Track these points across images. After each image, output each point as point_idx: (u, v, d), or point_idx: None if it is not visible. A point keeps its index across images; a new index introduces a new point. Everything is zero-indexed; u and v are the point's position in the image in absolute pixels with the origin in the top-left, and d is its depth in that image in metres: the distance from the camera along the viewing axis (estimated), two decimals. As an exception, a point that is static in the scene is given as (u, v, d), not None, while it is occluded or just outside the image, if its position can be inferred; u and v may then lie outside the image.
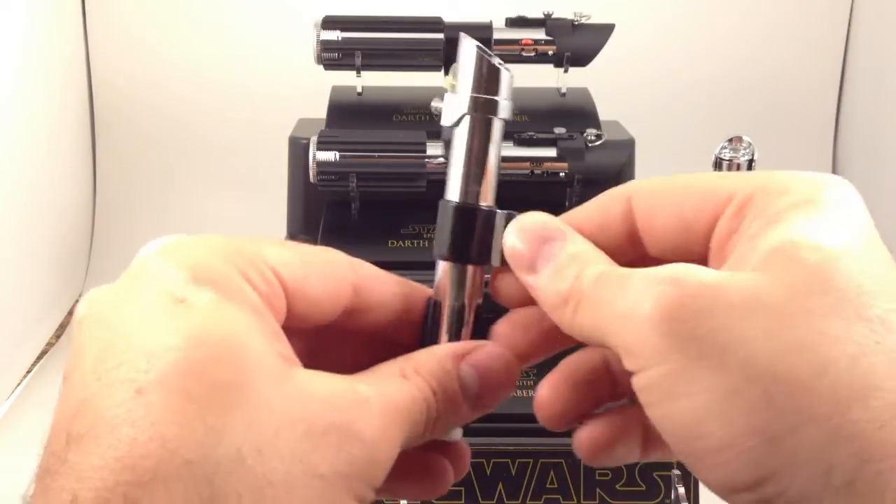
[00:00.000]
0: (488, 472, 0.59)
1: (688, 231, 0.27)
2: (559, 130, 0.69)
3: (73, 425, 0.21)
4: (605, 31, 0.74)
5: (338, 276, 0.27)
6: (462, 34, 0.28)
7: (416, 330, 0.29)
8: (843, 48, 1.05)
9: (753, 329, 0.22)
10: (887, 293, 0.23)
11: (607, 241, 0.28)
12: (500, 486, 0.60)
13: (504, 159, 0.67)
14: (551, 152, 0.67)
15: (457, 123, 0.28)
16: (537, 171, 0.67)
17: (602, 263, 0.26)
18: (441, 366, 0.27)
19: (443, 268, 0.29)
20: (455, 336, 0.29)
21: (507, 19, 0.74)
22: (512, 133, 0.68)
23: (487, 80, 0.28)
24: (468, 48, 0.28)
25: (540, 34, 0.73)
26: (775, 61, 1.05)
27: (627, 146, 0.72)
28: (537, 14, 0.73)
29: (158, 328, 0.22)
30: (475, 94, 0.28)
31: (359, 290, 0.28)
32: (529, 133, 0.68)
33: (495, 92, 0.28)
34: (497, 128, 0.29)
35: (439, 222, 0.29)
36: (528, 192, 0.68)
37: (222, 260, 0.24)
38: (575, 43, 0.73)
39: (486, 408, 0.28)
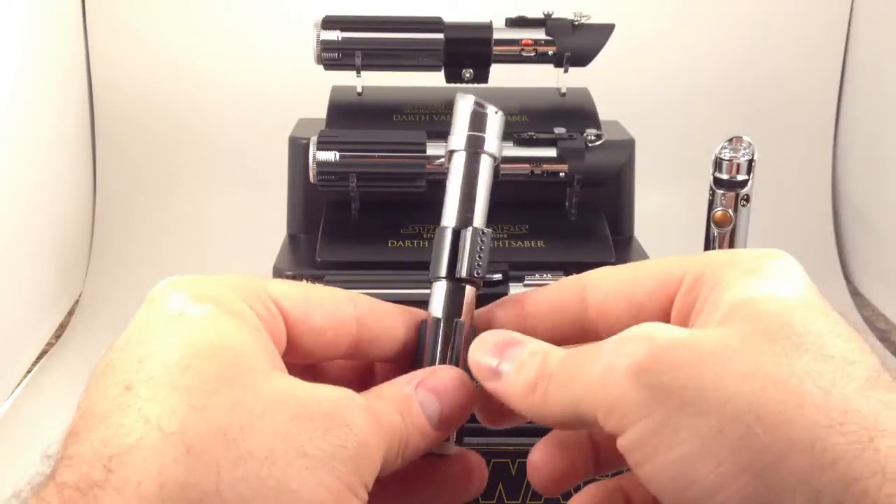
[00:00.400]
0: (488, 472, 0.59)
1: (641, 313, 0.29)
2: (559, 130, 0.69)
3: (71, 428, 0.23)
4: (605, 31, 0.74)
5: (340, 309, 0.28)
6: (458, 94, 0.33)
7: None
8: (843, 48, 1.05)
9: (728, 373, 0.23)
10: (842, 336, 0.25)
11: (560, 326, 0.30)
12: (500, 486, 0.60)
13: (504, 159, 0.67)
14: (551, 152, 0.67)
15: (449, 158, 0.32)
16: (537, 171, 0.67)
17: (562, 350, 0.28)
18: (401, 392, 0.28)
19: (438, 288, 0.31)
20: (453, 352, 0.30)
21: (507, 19, 0.74)
22: (512, 133, 0.68)
23: (474, 121, 0.32)
24: (457, 99, 0.33)
25: (540, 34, 0.73)
26: (775, 61, 1.05)
27: (627, 146, 0.72)
28: (537, 14, 0.73)
29: (154, 338, 0.24)
30: (462, 134, 0.32)
31: (362, 323, 0.29)
32: (529, 133, 0.68)
33: (482, 131, 0.32)
34: (486, 164, 0.32)
35: (436, 247, 0.31)
36: (528, 192, 0.68)
37: (226, 287, 0.26)
38: (575, 43, 0.73)
39: (450, 429, 0.29)
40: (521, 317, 0.31)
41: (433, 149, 0.66)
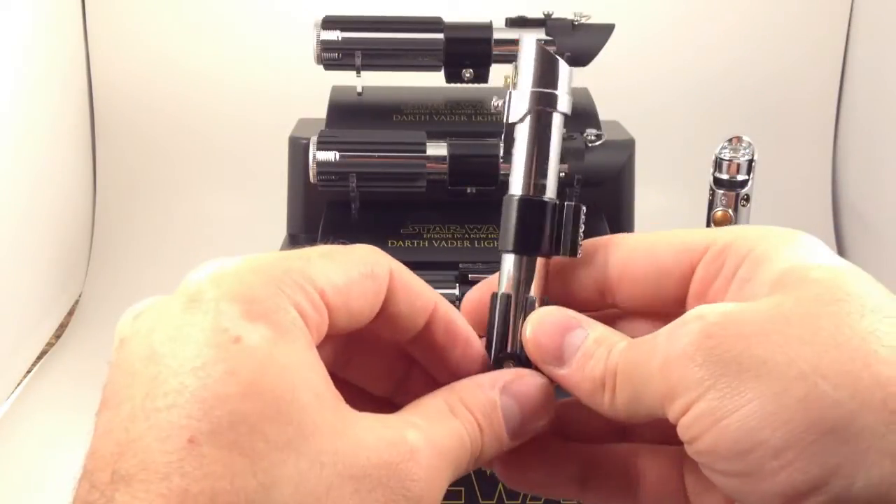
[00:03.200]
0: (488, 472, 0.59)
1: (663, 278, 0.28)
2: (559, 130, 0.68)
3: (121, 463, 0.21)
4: (605, 31, 0.74)
5: (377, 288, 0.27)
6: (524, 35, 0.30)
7: (435, 346, 0.29)
8: (843, 48, 1.05)
9: (787, 339, 0.23)
10: (893, 300, 0.24)
11: (580, 288, 0.30)
12: (500, 486, 0.60)
13: (504, 159, 0.67)
14: (551, 152, 0.67)
15: (520, 120, 0.30)
16: (537, 171, 0.67)
17: (624, 339, 0.27)
18: (487, 398, 0.27)
19: (509, 261, 0.30)
20: (512, 331, 0.29)
21: (507, 19, 0.74)
22: (512, 133, 0.68)
23: (547, 75, 0.30)
24: (529, 45, 0.30)
25: (540, 34, 0.73)
26: (775, 61, 1.05)
27: (627, 146, 0.72)
28: (537, 14, 0.73)
29: (213, 373, 0.21)
30: (535, 90, 0.29)
31: (392, 297, 0.27)
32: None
33: (555, 87, 0.30)
34: (557, 122, 0.30)
35: (505, 217, 0.30)
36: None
37: (274, 289, 0.23)
38: (575, 43, 0.73)
39: (525, 437, 0.28)
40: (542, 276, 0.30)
41: (433, 149, 0.66)
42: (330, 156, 0.65)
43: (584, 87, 0.78)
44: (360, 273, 0.26)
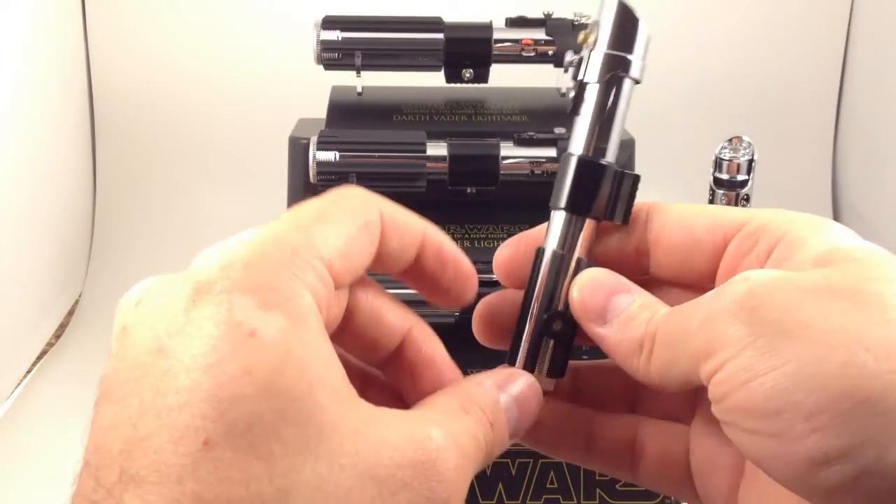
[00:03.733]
0: (488, 472, 0.59)
1: (695, 249, 0.28)
2: (559, 130, 0.69)
3: (130, 463, 0.20)
4: (605, 31, 0.74)
5: (373, 238, 0.26)
6: None
7: (425, 273, 0.29)
8: (843, 48, 1.05)
9: (832, 308, 0.23)
10: None
11: (620, 250, 0.30)
12: (500, 486, 0.60)
13: (504, 159, 0.67)
14: (551, 152, 0.67)
15: (593, 81, 0.29)
16: (537, 171, 0.67)
17: (666, 307, 0.27)
18: (492, 397, 0.27)
19: (560, 219, 0.29)
20: (561, 290, 0.29)
21: (507, 19, 0.74)
22: (512, 133, 0.68)
23: (625, 38, 0.29)
24: (612, 2, 0.29)
25: (540, 34, 0.73)
26: (775, 61, 1.05)
27: (627, 146, 0.72)
28: (537, 14, 0.73)
29: (228, 370, 0.20)
30: (611, 52, 0.29)
31: (384, 238, 0.27)
32: (529, 133, 0.68)
33: (631, 51, 0.29)
34: (627, 88, 0.29)
35: (561, 174, 0.29)
36: (529, 192, 0.68)
37: (287, 275, 0.22)
38: (575, 43, 0.73)
39: (518, 437, 0.28)
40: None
41: (433, 149, 0.66)
42: (330, 156, 0.65)
43: (585, 87, 0.78)
44: (357, 228, 0.25)
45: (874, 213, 1.00)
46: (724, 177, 0.57)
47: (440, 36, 0.72)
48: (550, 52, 0.73)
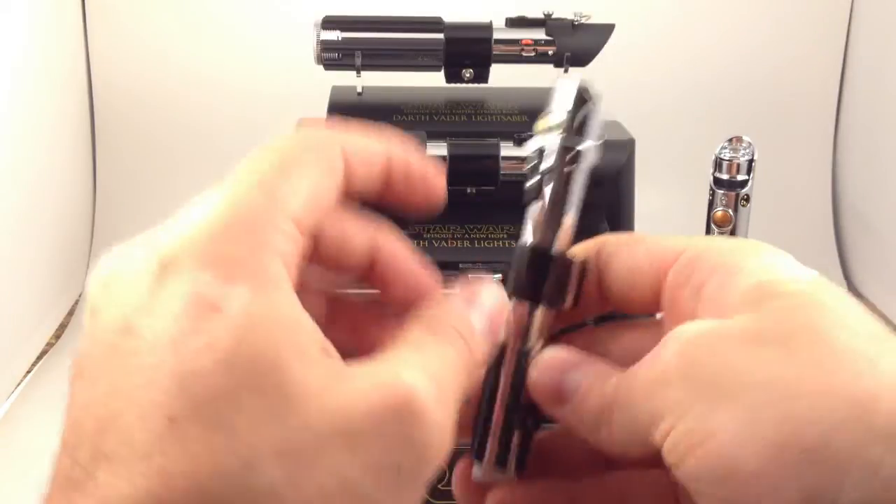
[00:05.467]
0: None
1: (638, 277, 0.28)
2: (559, 130, 0.68)
3: (103, 441, 0.20)
4: (605, 31, 0.74)
5: (338, 179, 0.25)
6: (560, 77, 0.28)
7: (397, 193, 0.28)
8: (843, 48, 1.05)
9: (761, 358, 0.23)
10: (868, 317, 0.24)
11: (585, 292, 0.29)
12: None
13: (504, 159, 0.67)
14: (551, 152, 0.67)
15: (547, 170, 0.29)
16: (537, 172, 0.67)
17: (618, 372, 0.27)
18: (464, 317, 0.26)
19: (517, 311, 0.29)
20: (520, 378, 0.29)
21: (507, 19, 0.74)
22: (512, 133, 0.68)
23: (582, 125, 0.29)
24: (567, 89, 0.29)
25: (540, 34, 0.73)
26: (775, 61, 1.05)
27: (627, 146, 0.72)
28: (537, 14, 0.73)
29: (190, 346, 0.20)
30: (568, 143, 0.29)
31: (348, 172, 0.26)
32: (529, 133, 0.67)
33: (587, 138, 0.29)
34: (583, 174, 0.29)
35: (517, 265, 0.29)
36: (528, 192, 0.68)
37: (253, 243, 0.22)
38: (575, 43, 0.73)
39: (490, 352, 0.27)
40: None
41: (433, 149, 0.66)
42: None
43: (585, 87, 0.78)
44: (321, 174, 0.24)
45: (874, 213, 1.00)
46: (724, 177, 0.57)
47: (440, 36, 0.72)
48: (550, 52, 0.73)
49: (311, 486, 0.20)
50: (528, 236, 0.29)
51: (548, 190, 0.29)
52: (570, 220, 0.29)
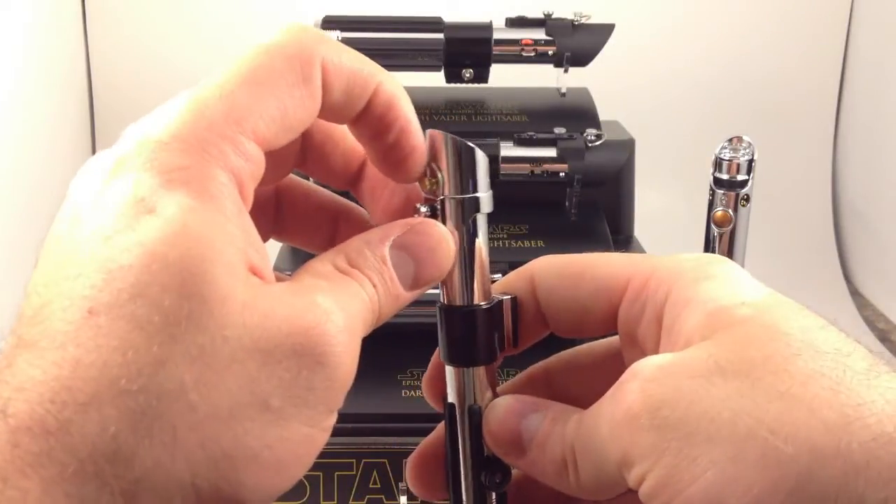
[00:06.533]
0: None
1: (585, 314, 0.28)
2: (559, 130, 0.69)
3: (28, 329, 0.21)
4: (605, 31, 0.74)
5: (313, 91, 0.24)
6: (430, 131, 0.27)
7: (369, 135, 0.26)
8: (843, 48, 1.05)
9: (726, 392, 0.22)
10: (826, 328, 0.24)
11: (521, 319, 0.29)
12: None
13: (504, 159, 0.67)
14: (551, 152, 0.67)
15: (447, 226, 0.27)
16: (537, 171, 0.67)
17: (577, 412, 0.26)
18: (376, 255, 0.25)
19: (454, 374, 0.28)
20: (477, 437, 0.28)
21: (507, 19, 0.74)
22: (512, 133, 0.68)
23: (467, 175, 0.27)
24: (439, 143, 0.27)
25: (540, 34, 0.73)
26: (775, 61, 1.05)
27: (627, 146, 0.72)
28: (537, 14, 0.73)
29: (122, 243, 0.21)
30: (457, 196, 0.27)
31: (328, 88, 0.25)
32: (529, 133, 0.68)
33: (477, 188, 0.27)
34: (483, 222, 0.28)
35: (443, 329, 0.28)
36: (529, 192, 0.68)
37: (199, 153, 0.22)
38: (575, 43, 0.73)
39: (423, 287, 0.26)
40: None
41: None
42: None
43: (584, 87, 0.78)
44: (289, 84, 0.23)
45: (874, 213, 1.00)
46: (724, 177, 0.57)
47: (440, 36, 0.72)
48: (550, 52, 0.73)
49: (221, 394, 0.21)
50: (443, 298, 0.28)
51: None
52: (484, 270, 0.28)
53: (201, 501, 0.21)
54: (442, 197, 0.27)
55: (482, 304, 0.28)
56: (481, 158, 0.27)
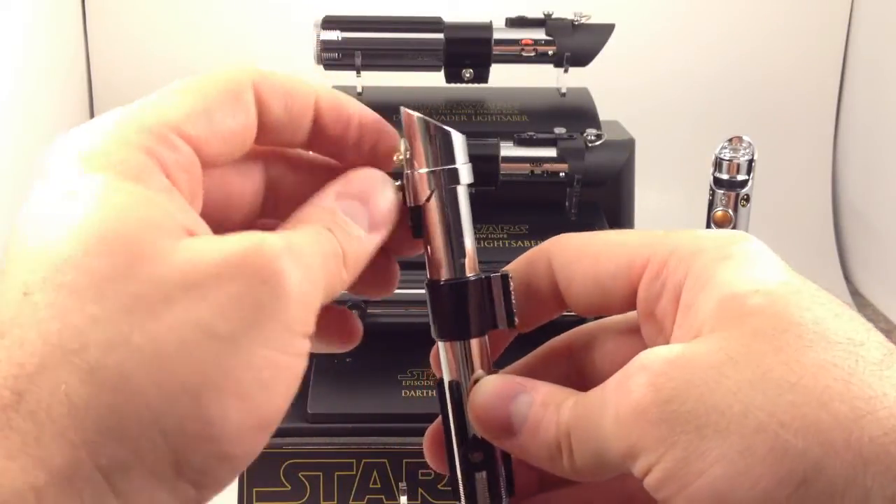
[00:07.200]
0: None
1: (605, 294, 0.28)
2: (559, 130, 0.69)
3: None
4: (605, 31, 0.74)
5: (245, 103, 0.26)
6: (402, 108, 0.27)
7: (331, 138, 0.28)
8: (843, 48, 1.05)
9: (736, 385, 0.22)
10: (841, 316, 0.24)
11: (535, 298, 0.29)
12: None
13: (504, 159, 0.67)
14: (551, 152, 0.67)
15: (426, 200, 0.27)
16: (537, 172, 0.67)
17: (571, 396, 0.26)
18: (320, 207, 0.26)
19: (447, 348, 0.28)
20: (460, 415, 0.28)
21: (507, 19, 0.74)
22: (512, 133, 0.68)
23: (443, 150, 0.27)
24: (415, 123, 0.27)
25: (540, 34, 0.73)
26: (775, 61, 1.05)
27: (627, 146, 0.72)
28: (537, 14, 0.73)
29: (48, 226, 0.22)
30: (434, 168, 0.27)
31: (265, 106, 0.26)
32: (529, 133, 0.68)
33: (453, 160, 0.27)
34: (463, 194, 0.28)
35: (433, 305, 0.28)
36: (529, 192, 0.68)
37: (117, 139, 0.23)
38: (575, 43, 0.73)
39: (385, 227, 0.27)
40: None
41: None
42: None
43: (584, 87, 0.78)
44: (218, 92, 0.25)
45: (874, 213, 1.00)
46: (724, 177, 0.57)
47: (440, 36, 0.72)
48: (550, 52, 0.73)
49: (164, 332, 0.21)
50: (430, 271, 0.28)
51: (433, 220, 0.28)
52: (470, 241, 0.28)
53: (171, 443, 0.21)
54: (419, 171, 0.27)
55: (466, 277, 0.28)
56: (456, 134, 0.28)
